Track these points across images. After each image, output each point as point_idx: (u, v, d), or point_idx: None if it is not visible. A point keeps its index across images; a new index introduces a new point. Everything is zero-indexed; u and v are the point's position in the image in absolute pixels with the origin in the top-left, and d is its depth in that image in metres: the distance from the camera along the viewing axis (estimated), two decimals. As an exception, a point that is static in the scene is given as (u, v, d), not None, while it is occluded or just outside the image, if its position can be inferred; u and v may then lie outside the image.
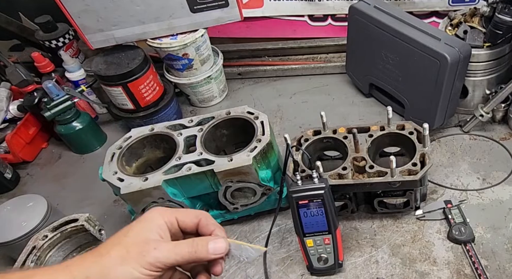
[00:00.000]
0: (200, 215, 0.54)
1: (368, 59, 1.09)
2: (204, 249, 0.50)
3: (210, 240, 0.51)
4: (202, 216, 0.54)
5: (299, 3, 1.28)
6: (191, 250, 0.49)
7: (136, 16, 1.05)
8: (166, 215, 0.51)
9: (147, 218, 0.51)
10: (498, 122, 1.04)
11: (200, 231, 0.54)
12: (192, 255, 0.49)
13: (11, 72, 1.07)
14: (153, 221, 0.50)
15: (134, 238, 0.48)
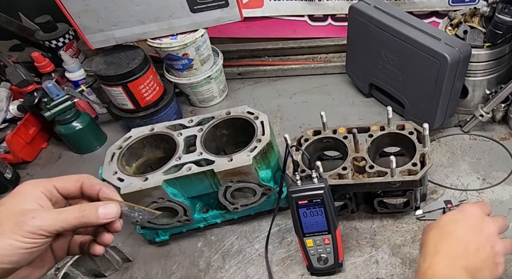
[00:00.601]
0: (81, 178, 0.53)
1: (368, 59, 1.09)
2: (93, 214, 0.50)
3: (100, 205, 0.50)
4: (84, 178, 0.53)
5: (299, 3, 1.28)
6: (77, 215, 0.49)
7: (136, 16, 1.05)
8: (42, 184, 0.51)
9: (20, 191, 0.50)
10: (498, 122, 1.04)
11: (86, 193, 0.53)
12: (79, 220, 0.49)
13: (11, 72, 1.07)
14: (27, 193, 0.50)
15: (6, 212, 0.47)
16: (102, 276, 0.89)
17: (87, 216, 0.49)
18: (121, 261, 0.90)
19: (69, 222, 0.48)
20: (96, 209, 0.50)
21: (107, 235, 0.53)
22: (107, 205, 0.51)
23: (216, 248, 0.91)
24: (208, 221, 0.92)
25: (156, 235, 0.91)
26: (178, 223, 0.87)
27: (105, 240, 0.53)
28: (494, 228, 0.62)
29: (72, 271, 0.83)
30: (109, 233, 0.53)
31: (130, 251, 0.92)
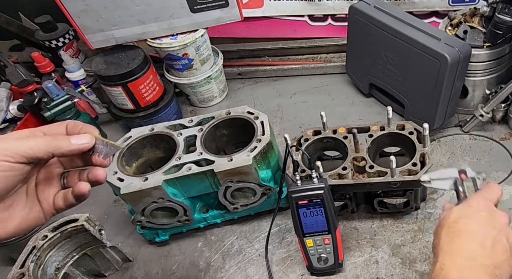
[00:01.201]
0: (66, 122, 0.53)
1: (368, 59, 1.09)
2: (65, 140, 0.49)
3: (73, 136, 0.51)
4: (69, 122, 0.53)
5: (299, 3, 1.28)
6: (47, 139, 0.49)
7: (136, 16, 1.05)
8: (28, 130, 0.51)
9: (5, 136, 0.50)
10: (498, 122, 1.04)
11: (70, 133, 0.53)
12: (49, 143, 0.48)
13: (11, 72, 1.07)
14: (10, 135, 0.50)
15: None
16: (102, 276, 0.89)
17: (58, 140, 0.49)
18: (121, 261, 0.90)
19: (38, 145, 0.48)
20: (68, 138, 0.50)
21: (94, 170, 0.53)
22: (80, 135, 0.51)
23: (216, 248, 0.91)
24: (208, 221, 0.92)
25: (156, 235, 0.91)
26: (178, 223, 0.87)
27: (93, 174, 0.52)
28: (506, 219, 0.59)
29: (72, 271, 0.83)
30: (96, 168, 0.53)
31: (130, 251, 0.92)
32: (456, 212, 0.60)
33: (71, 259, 0.83)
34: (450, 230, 0.58)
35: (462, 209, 0.61)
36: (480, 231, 0.57)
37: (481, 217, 0.58)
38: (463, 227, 0.58)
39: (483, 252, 0.55)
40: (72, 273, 0.83)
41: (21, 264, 0.74)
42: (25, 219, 0.51)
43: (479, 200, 0.61)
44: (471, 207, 0.61)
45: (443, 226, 0.59)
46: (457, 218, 0.59)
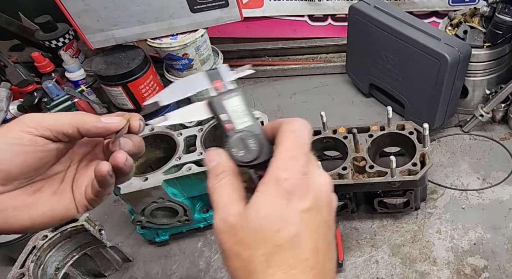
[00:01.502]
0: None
1: (368, 59, 1.09)
2: (93, 117, 0.46)
3: (103, 115, 0.48)
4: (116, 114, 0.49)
5: (299, 3, 1.27)
6: (74, 113, 0.46)
7: (136, 16, 1.05)
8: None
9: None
10: (498, 122, 1.04)
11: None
12: (75, 117, 0.45)
13: (11, 72, 1.07)
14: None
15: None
16: (102, 276, 0.89)
17: (85, 115, 0.46)
18: (121, 261, 0.90)
19: (64, 118, 0.45)
20: (97, 116, 0.47)
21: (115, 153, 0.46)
22: (111, 115, 0.48)
23: (216, 248, 0.91)
24: (208, 221, 0.92)
25: (156, 235, 0.91)
26: (178, 223, 0.87)
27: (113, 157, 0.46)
28: (333, 196, 0.41)
29: (72, 271, 0.83)
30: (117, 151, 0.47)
31: (130, 251, 0.92)
32: (266, 207, 0.36)
33: (71, 259, 0.83)
34: (266, 245, 0.36)
35: (274, 198, 0.36)
36: (313, 231, 0.38)
37: (311, 207, 0.37)
38: (284, 235, 0.36)
39: (320, 257, 0.38)
40: (72, 273, 0.83)
41: (21, 264, 0.74)
42: (52, 208, 0.46)
43: (292, 156, 0.38)
44: (282, 185, 0.37)
45: (242, 235, 0.37)
46: (269, 220, 0.36)
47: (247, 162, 0.41)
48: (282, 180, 0.37)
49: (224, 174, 0.41)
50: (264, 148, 0.42)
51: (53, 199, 0.47)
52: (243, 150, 0.41)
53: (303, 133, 0.40)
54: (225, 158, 0.41)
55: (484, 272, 0.78)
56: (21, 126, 0.43)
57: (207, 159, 0.43)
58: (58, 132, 0.44)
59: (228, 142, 0.42)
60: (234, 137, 0.42)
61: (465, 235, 0.84)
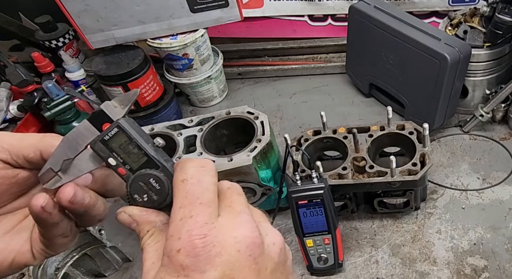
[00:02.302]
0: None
1: (368, 59, 1.09)
2: (59, 139, 0.37)
3: None
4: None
5: (299, 3, 1.27)
6: (41, 135, 0.38)
7: (136, 16, 1.05)
8: None
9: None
10: (498, 122, 1.04)
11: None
12: (41, 138, 0.37)
13: (11, 72, 1.07)
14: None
15: None
16: (102, 276, 0.89)
17: (52, 137, 0.38)
18: (121, 261, 0.90)
19: (28, 139, 0.37)
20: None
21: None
22: None
23: (216, 248, 0.91)
24: (208, 221, 0.92)
25: (156, 235, 0.91)
26: (178, 223, 0.87)
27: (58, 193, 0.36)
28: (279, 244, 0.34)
29: (72, 271, 0.83)
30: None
31: (130, 251, 0.92)
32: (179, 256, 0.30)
33: (71, 259, 0.83)
34: None
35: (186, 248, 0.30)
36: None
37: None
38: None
39: None
40: (72, 273, 0.83)
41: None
42: (0, 250, 0.37)
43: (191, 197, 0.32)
44: (174, 259, 0.30)
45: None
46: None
47: (155, 206, 0.35)
48: (174, 253, 0.30)
49: (148, 233, 0.35)
50: (170, 184, 0.35)
51: (4, 239, 0.38)
52: (145, 194, 0.35)
53: (199, 178, 0.33)
54: (139, 213, 0.35)
55: (484, 272, 0.78)
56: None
57: (123, 223, 0.36)
58: (17, 155, 0.37)
59: (127, 189, 0.35)
60: (130, 181, 0.35)
61: (465, 235, 0.84)
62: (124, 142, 0.35)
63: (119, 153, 0.35)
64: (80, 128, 0.37)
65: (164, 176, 0.35)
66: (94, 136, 0.36)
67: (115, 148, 0.35)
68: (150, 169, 0.35)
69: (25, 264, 0.38)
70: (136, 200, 0.35)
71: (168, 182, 0.35)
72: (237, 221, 0.32)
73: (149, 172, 0.35)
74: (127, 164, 0.35)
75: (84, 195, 0.36)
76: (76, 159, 0.36)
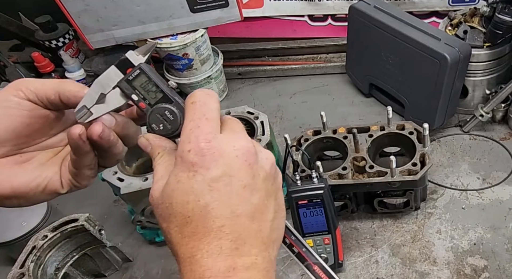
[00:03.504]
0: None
1: (368, 59, 1.09)
2: (76, 85, 0.45)
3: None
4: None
5: (299, 3, 1.27)
6: (59, 80, 0.45)
7: (136, 16, 1.05)
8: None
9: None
10: (498, 122, 1.04)
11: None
12: (59, 83, 0.44)
13: (11, 72, 1.07)
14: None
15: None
16: (102, 276, 0.89)
17: (68, 83, 0.45)
18: (121, 261, 0.90)
19: (49, 83, 0.44)
20: (82, 86, 0.45)
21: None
22: None
23: (216, 248, 0.91)
24: (208, 221, 0.92)
25: (156, 235, 0.91)
26: (178, 223, 0.87)
27: (89, 130, 0.43)
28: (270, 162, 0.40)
29: (72, 271, 0.83)
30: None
31: (130, 251, 0.92)
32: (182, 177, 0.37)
33: (71, 259, 0.83)
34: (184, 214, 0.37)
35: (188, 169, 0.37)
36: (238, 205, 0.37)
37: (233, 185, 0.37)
38: (207, 201, 0.36)
39: (241, 221, 0.37)
40: (72, 273, 0.83)
41: (21, 264, 0.74)
42: (35, 177, 0.45)
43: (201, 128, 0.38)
44: (185, 157, 0.37)
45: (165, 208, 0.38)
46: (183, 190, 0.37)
47: (169, 134, 0.43)
48: (185, 153, 0.37)
49: (159, 154, 0.42)
50: (182, 116, 0.42)
51: (38, 168, 0.46)
52: (161, 124, 0.43)
53: (205, 101, 0.39)
54: (154, 138, 0.42)
55: (484, 272, 0.78)
56: (11, 90, 0.43)
57: (141, 146, 0.43)
58: (42, 97, 0.44)
59: (146, 120, 0.43)
60: (149, 113, 0.43)
61: (465, 235, 0.84)
62: (144, 82, 0.43)
63: (140, 91, 0.43)
64: (108, 72, 0.44)
65: (176, 109, 0.42)
66: (119, 78, 0.43)
67: (137, 86, 0.43)
68: (165, 103, 0.43)
69: (55, 191, 0.47)
70: (154, 128, 0.43)
71: (180, 114, 0.42)
72: (236, 136, 0.39)
73: (164, 105, 0.42)
74: (147, 99, 0.43)
75: (109, 132, 0.44)
76: (105, 97, 0.43)
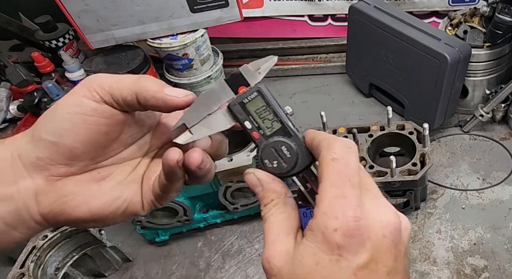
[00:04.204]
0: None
1: (368, 59, 1.09)
2: (156, 84, 0.37)
3: (169, 87, 0.38)
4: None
5: (299, 3, 1.27)
6: (136, 76, 0.38)
7: (136, 16, 1.05)
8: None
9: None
10: (498, 122, 1.04)
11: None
12: (136, 81, 0.37)
13: (11, 72, 1.07)
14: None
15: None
16: (102, 276, 0.89)
17: (147, 81, 0.37)
18: (121, 261, 0.90)
19: (124, 81, 0.37)
20: (162, 84, 0.38)
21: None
22: (178, 89, 0.38)
23: (216, 248, 0.91)
24: (208, 221, 0.92)
25: (156, 235, 0.91)
26: (178, 223, 0.87)
27: (187, 158, 0.37)
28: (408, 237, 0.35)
29: (72, 271, 0.83)
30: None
31: (130, 251, 0.92)
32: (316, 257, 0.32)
33: (71, 259, 0.83)
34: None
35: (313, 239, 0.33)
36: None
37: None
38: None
39: None
40: (72, 273, 0.83)
41: (21, 264, 0.74)
42: (115, 199, 0.39)
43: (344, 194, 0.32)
44: (330, 237, 0.31)
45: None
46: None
47: (283, 173, 0.36)
48: (331, 232, 0.31)
49: (272, 202, 0.36)
50: (300, 154, 0.36)
51: (117, 188, 0.39)
52: (275, 160, 0.36)
53: (348, 160, 0.33)
54: (266, 179, 0.36)
55: (484, 272, 0.78)
56: (83, 91, 0.36)
57: (250, 184, 0.37)
58: (118, 98, 0.36)
59: (258, 153, 0.37)
60: (263, 146, 0.36)
61: (465, 235, 0.84)
62: (261, 107, 0.37)
63: (255, 117, 0.37)
64: (217, 89, 0.37)
65: (295, 145, 0.36)
66: (229, 97, 0.37)
67: (251, 111, 0.37)
68: (283, 136, 0.36)
69: (135, 212, 0.40)
70: (266, 165, 0.36)
71: (298, 151, 0.36)
72: (379, 205, 0.33)
73: (282, 139, 0.36)
74: (261, 129, 0.37)
75: (207, 160, 0.38)
76: (209, 118, 0.37)
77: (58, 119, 0.36)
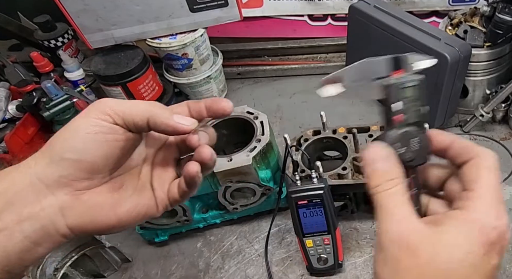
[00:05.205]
0: (187, 102, 0.45)
1: (368, 59, 1.08)
2: (166, 112, 0.42)
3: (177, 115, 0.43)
4: (190, 101, 0.45)
5: (299, 3, 1.27)
6: (148, 103, 0.42)
7: (135, 16, 1.05)
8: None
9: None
10: (498, 122, 1.04)
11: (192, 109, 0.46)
12: (148, 107, 0.42)
13: (10, 72, 1.06)
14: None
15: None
16: (101, 277, 0.89)
17: (158, 108, 0.42)
18: (120, 262, 0.89)
19: (136, 107, 0.41)
20: (171, 112, 0.43)
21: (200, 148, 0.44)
22: (185, 117, 0.44)
23: (216, 249, 0.91)
24: (207, 221, 0.92)
25: (156, 235, 0.91)
26: (177, 223, 0.87)
27: (198, 153, 0.43)
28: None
29: (71, 271, 0.83)
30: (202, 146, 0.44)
31: (129, 251, 0.92)
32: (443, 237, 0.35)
33: (70, 259, 0.82)
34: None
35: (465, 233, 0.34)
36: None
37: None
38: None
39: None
40: (71, 274, 0.83)
41: (19, 265, 0.74)
42: (135, 205, 0.44)
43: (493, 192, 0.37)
44: (487, 233, 0.34)
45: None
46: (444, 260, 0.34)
47: (403, 161, 0.38)
48: (489, 228, 0.34)
49: (396, 180, 0.37)
50: (422, 151, 0.38)
51: (135, 196, 0.44)
52: (405, 147, 0.38)
53: (498, 174, 0.38)
54: (395, 161, 0.38)
55: (484, 273, 0.78)
56: (97, 114, 0.41)
57: (372, 157, 0.38)
58: (130, 123, 0.41)
59: (388, 134, 0.38)
60: (399, 131, 0.38)
61: (465, 235, 0.84)
62: (411, 96, 0.39)
63: (406, 103, 0.39)
64: (380, 62, 0.40)
65: (425, 141, 0.39)
66: (383, 74, 0.39)
67: (402, 97, 0.38)
68: (419, 129, 0.39)
69: (152, 216, 0.45)
70: (396, 147, 0.38)
71: (422, 148, 0.38)
72: (502, 212, 0.36)
73: (417, 131, 0.39)
74: (406, 115, 0.39)
75: (213, 151, 0.44)
76: (362, 84, 0.40)
77: (78, 138, 0.41)
